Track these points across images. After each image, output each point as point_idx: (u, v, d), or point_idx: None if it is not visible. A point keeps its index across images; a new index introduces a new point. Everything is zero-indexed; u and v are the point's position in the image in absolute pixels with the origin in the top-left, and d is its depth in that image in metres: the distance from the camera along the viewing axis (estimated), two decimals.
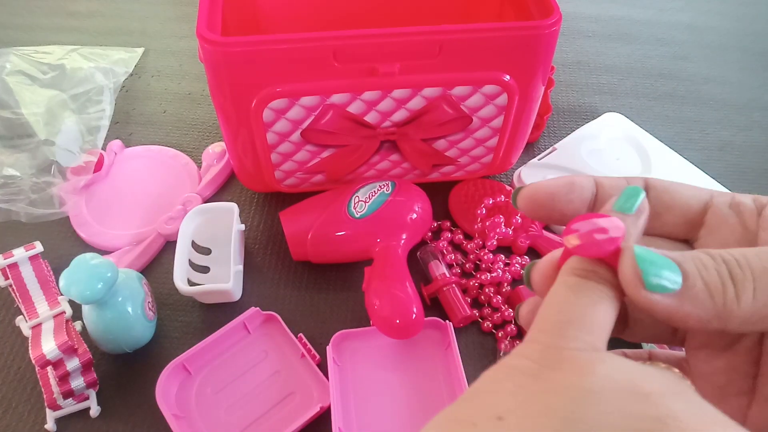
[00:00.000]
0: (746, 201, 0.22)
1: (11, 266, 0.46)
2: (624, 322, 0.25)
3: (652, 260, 0.18)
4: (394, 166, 0.52)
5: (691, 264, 0.18)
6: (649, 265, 0.18)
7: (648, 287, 0.18)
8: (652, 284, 0.18)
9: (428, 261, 0.50)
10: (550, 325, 0.19)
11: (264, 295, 0.50)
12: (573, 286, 0.19)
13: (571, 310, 0.19)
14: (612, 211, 0.20)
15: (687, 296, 0.18)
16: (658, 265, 0.18)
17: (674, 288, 0.18)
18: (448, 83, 0.44)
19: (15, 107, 0.60)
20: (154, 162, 0.59)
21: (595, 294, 0.19)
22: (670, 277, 0.18)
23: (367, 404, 0.43)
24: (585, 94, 0.67)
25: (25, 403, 0.44)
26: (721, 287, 0.18)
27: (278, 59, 0.42)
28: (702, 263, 0.18)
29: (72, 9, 0.76)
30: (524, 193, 0.23)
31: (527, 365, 0.18)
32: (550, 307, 0.19)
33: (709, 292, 0.18)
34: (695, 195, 0.22)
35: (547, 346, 0.18)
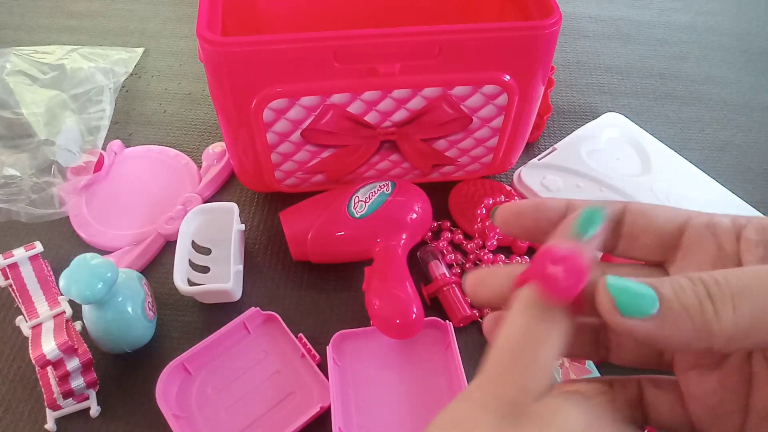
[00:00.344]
0: (723, 221, 0.22)
1: (11, 266, 0.46)
2: (606, 347, 0.25)
3: (625, 287, 0.19)
4: (394, 166, 0.52)
5: (668, 287, 0.19)
6: (622, 292, 0.19)
7: (623, 313, 0.18)
8: (627, 310, 0.18)
9: (428, 261, 0.50)
10: (504, 372, 0.19)
11: (264, 295, 0.50)
12: (530, 324, 0.20)
13: (522, 357, 0.19)
14: (570, 233, 0.21)
15: (665, 318, 0.18)
16: (631, 291, 0.19)
17: (651, 311, 0.18)
18: (448, 83, 0.44)
19: (15, 107, 0.60)
20: (154, 162, 0.59)
21: (547, 330, 0.20)
22: (645, 301, 0.18)
23: (367, 404, 0.43)
24: (585, 94, 0.67)
25: (25, 403, 0.44)
26: (699, 306, 0.18)
27: (278, 59, 0.42)
28: (679, 285, 0.18)
29: (72, 9, 0.76)
30: (498, 212, 0.24)
31: (486, 419, 0.19)
32: (503, 351, 0.20)
33: (687, 312, 0.18)
34: (672, 217, 0.22)
35: (503, 397, 0.19)
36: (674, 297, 0.18)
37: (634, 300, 0.18)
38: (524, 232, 0.24)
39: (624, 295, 0.19)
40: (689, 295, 0.18)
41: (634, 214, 0.23)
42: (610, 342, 0.25)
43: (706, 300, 0.18)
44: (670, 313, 0.18)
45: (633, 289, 0.19)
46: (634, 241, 0.23)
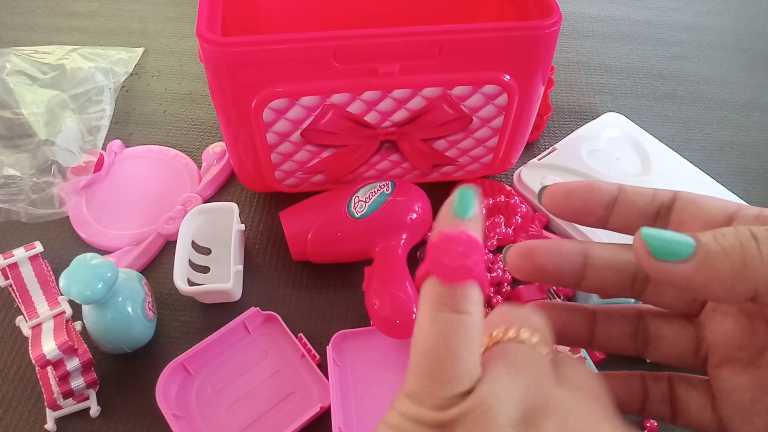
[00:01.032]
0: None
1: (11, 266, 0.46)
2: (645, 340, 0.25)
3: (659, 234, 0.19)
4: (394, 166, 0.52)
5: (709, 234, 0.18)
6: (656, 238, 0.19)
7: (657, 257, 0.18)
8: (661, 253, 0.18)
9: None
10: (431, 378, 0.19)
11: (264, 295, 0.50)
12: (443, 330, 0.19)
13: (448, 359, 0.19)
14: (451, 216, 0.20)
15: (702, 261, 0.18)
16: (666, 237, 0.19)
17: (686, 253, 0.18)
18: (448, 83, 0.44)
19: (15, 107, 0.60)
20: (154, 162, 0.59)
21: (466, 330, 0.19)
22: (680, 246, 0.18)
23: (367, 404, 0.43)
24: (585, 94, 0.67)
25: (25, 403, 0.44)
26: (740, 247, 0.17)
27: (278, 59, 0.42)
28: (721, 233, 0.18)
29: (72, 9, 0.76)
30: (547, 190, 0.24)
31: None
32: (425, 354, 0.19)
33: (726, 254, 0.18)
34: (721, 207, 0.22)
35: (432, 402, 0.18)
36: (713, 241, 0.18)
37: (668, 244, 0.18)
38: (573, 213, 0.24)
39: (658, 240, 0.19)
40: (730, 238, 0.18)
41: (684, 202, 0.23)
42: (649, 335, 0.25)
43: (749, 240, 0.18)
44: (708, 255, 0.18)
45: (668, 235, 0.19)
46: (681, 227, 0.23)
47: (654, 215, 0.23)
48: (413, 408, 0.19)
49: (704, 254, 0.18)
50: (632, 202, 0.23)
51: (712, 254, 0.18)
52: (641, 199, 0.23)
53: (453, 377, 0.18)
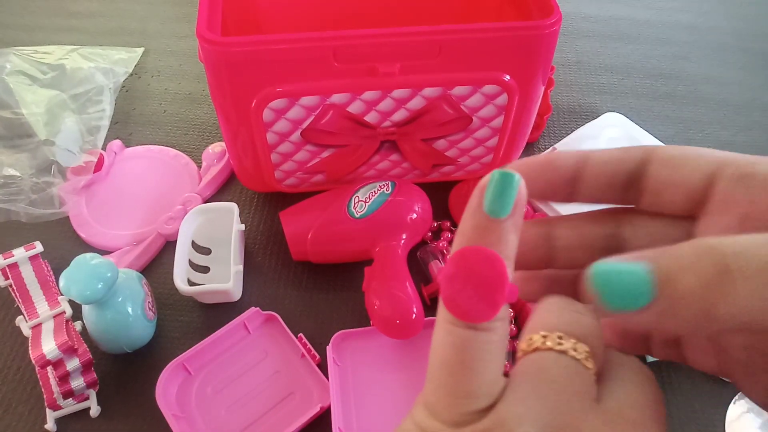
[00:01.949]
0: (760, 171, 0.18)
1: (11, 266, 0.46)
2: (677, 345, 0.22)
3: (611, 280, 0.16)
4: (394, 166, 0.52)
5: (669, 264, 0.16)
6: (607, 288, 0.16)
7: (611, 309, 0.16)
8: (615, 304, 0.16)
9: (428, 261, 0.50)
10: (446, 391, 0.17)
11: (264, 295, 0.50)
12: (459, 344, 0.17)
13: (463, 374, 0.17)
14: (483, 216, 0.18)
15: (665, 308, 0.15)
16: (618, 283, 0.16)
17: (645, 301, 0.16)
18: (448, 83, 0.44)
19: (15, 107, 0.60)
20: (154, 162, 0.59)
21: (483, 347, 0.17)
22: (637, 291, 0.16)
23: (367, 404, 0.43)
24: (585, 94, 0.67)
25: (25, 403, 0.44)
26: (709, 287, 0.15)
27: (278, 59, 0.42)
28: (680, 265, 0.15)
29: (72, 9, 0.76)
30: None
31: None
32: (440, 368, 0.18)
33: (692, 296, 0.15)
34: (699, 167, 0.19)
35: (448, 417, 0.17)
36: (675, 279, 0.15)
37: (623, 295, 0.16)
38: (536, 194, 0.21)
39: (610, 289, 0.16)
40: (694, 274, 0.15)
41: (658, 165, 0.20)
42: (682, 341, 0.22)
43: (715, 277, 0.15)
44: (672, 302, 0.15)
45: (622, 281, 0.16)
46: (659, 196, 0.20)
47: (625, 183, 0.21)
48: (428, 421, 0.18)
49: (667, 301, 0.15)
50: (599, 172, 0.20)
51: (673, 301, 0.15)
52: (609, 168, 0.20)
53: (468, 393, 0.17)
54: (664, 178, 0.20)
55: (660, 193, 0.20)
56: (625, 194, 0.21)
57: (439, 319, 0.18)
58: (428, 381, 0.18)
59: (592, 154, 0.21)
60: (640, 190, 0.21)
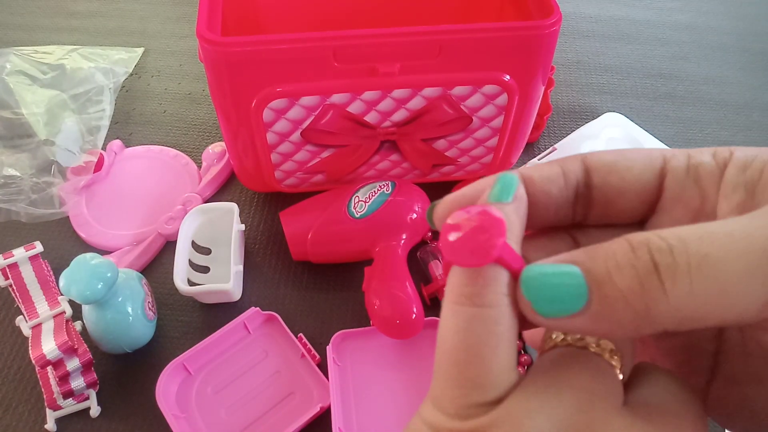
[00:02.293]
0: (706, 161, 0.18)
1: (11, 266, 0.46)
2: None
3: (541, 283, 0.15)
4: (394, 166, 0.52)
5: (600, 264, 0.15)
6: (538, 291, 0.15)
7: (545, 315, 0.15)
8: (547, 311, 0.15)
9: (428, 261, 0.50)
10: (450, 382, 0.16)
11: (264, 295, 0.50)
12: (463, 326, 0.16)
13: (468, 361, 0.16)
14: (487, 202, 0.17)
15: (598, 312, 0.15)
16: (549, 288, 0.15)
17: (578, 306, 0.15)
18: (448, 83, 0.44)
19: (15, 107, 0.60)
20: (154, 162, 0.59)
21: (488, 327, 0.16)
22: (569, 297, 0.15)
23: (367, 404, 0.43)
24: (585, 94, 0.67)
25: (25, 403, 0.44)
26: (640, 288, 0.14)
27: (278, 59, 0.42)
28: (615, 262, 0.14)
29: (72, 9, 0.76)
30: (440, 211, 0.19)
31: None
32: (444, 355, 0.16)
33: (624, 299, 0.14)
34: (647, 166, 0.18)
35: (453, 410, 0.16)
36: (607, 280, 0.14)
37: (555, 301, 0.15)
38: None
39: (542, 294, 0.15)
40: (627, 276, 0.14)
41: (602, 173, 0.18)
42: None
43: (649, 276, 0.14)
44: (603, 305, 0.14)
45: (552, 281, 0.15)
46: (609, 207, 0.19)
47: (573, 201, 0.19)
48: (434, 414, 0.17)
49: (599, 304, 0.14)
50: (543, 194, 0.19)
51: (608, 303, 0.14)
52: (554, 187, 0.19)
53: (476, 382, 0.16)
54: (615, 185, 0.18)
55: (611, 203, 0.19)
56: (572, 214, 0.20)
57: (444, 302, 0.17)
58: (435, 373, 0.17)
59: (530, 172, 0.19)
60: (589, 204, 0.19)
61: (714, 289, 0.14)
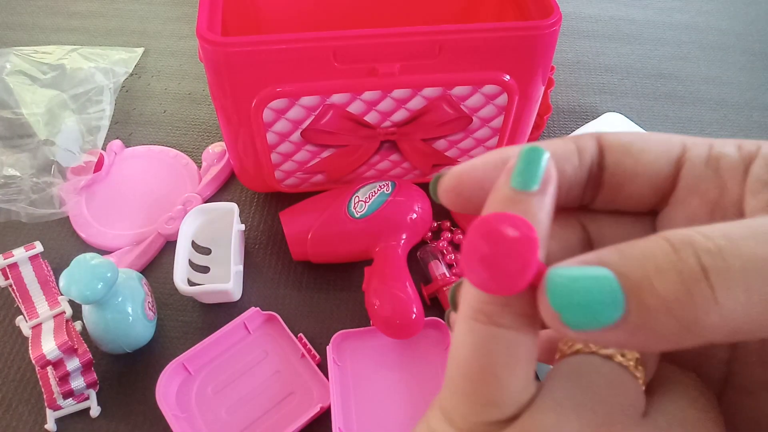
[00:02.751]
0: (728, 153, 0.16)
1: (11, 266, 0.46)
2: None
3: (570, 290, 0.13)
4: (394, 166, 0.52)
5: (637, 268, 0.13)
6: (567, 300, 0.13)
7: (575, 328, 0.13)
8: (579, 323, 0.13)
9: (428, 261, 0.50)
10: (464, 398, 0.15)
11: (264, 295, 0.50)
12: (480, 344, 0.15)
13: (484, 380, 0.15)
14: (510, 189, 0.15)
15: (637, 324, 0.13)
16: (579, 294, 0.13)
17: (613, 318, 0.13)
18: (448, 83, 0.44)
19: (15, 107, 0.60)
20: (155, 162, 0.59)
21: (508, 349, 0.15)
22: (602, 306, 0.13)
23: (367, 404, 0.43)
24: (585, 94, 0.67)
25: (25, 403, 0.44)
26: (687, 295, 0.12)
27: (278, 59, 0.42)
28: (655, 264, 0.12)
29: (72, 9, 0.76)
30: (446, 183, 0.17)
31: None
32: (458, 371, 0.15)
33: (667, 309, 0.12)
34: (664, 152, 0.17)
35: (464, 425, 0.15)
36: (647, 287, 0.12)
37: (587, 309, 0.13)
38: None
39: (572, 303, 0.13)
40: (670, 279, 0.12)
41: (616, 154, 0.17)
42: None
43: (697, 282, 0.12)
44: (643, 316, 0.12)
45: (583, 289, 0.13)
46: (619, 191, 0.17)
47: (585, 181, 0.17)
48: (443, 426, 0.16)
49: (638, 315, 0.12)
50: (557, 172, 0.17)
51: (648, 314, 0.12)
52: (568, 166, 0.17)
53: (489, 401, 0.15)
54: (629, 168, 0.17)
55: (622, 187, 0.17)
56: (581, 194, 0.18)
57: (461, 314, 0.15)
58: (446, 384, 0.16)
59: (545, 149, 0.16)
60: (595, 186, 0.18)
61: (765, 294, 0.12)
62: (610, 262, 0.13)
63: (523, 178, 0.15)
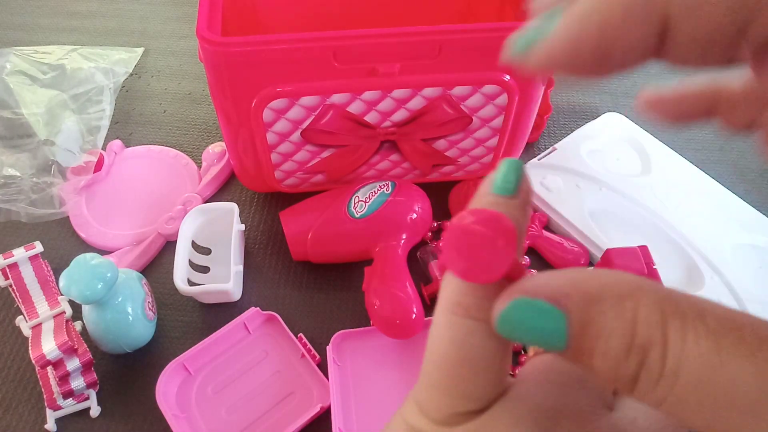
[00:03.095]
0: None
1: (11, 266, 0.46)
2: None
3: (518, 318, 0.14)
4: (394, 166, 0.52)
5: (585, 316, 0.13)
6: (517, 325, 0.14)
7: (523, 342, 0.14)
8: (525, 341, 0.14)
9: (428, 261, 0.50)
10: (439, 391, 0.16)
11: (264, 295, 0.50)
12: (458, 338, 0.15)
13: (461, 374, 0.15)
14: (491, 194, 0.16)
15: (576, 356, 0.13)
16: (526, 322, 0.14)
17: (558, 348, 0.13)
18: (448, 83, 0.44)
19: (15, 107, 0.60)
20: (155, 162, 0.59)
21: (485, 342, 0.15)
22: (547, 337, 0.13)
23: (367, 404, 0.43)
24: (585, 94, 0.67)
25: (25, 403, 0.44)
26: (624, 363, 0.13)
27: (278, 59, 0.42)
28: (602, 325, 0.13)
29: (72, 9, 0.76)
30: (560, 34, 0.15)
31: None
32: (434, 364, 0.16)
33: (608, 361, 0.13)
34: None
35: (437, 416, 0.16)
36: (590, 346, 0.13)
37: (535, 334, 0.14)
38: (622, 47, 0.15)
39: (520, 327, 0.14)
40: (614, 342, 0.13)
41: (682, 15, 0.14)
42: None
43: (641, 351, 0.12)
44: (581, 356, 0.13)
45: (532, 319, 0.14)
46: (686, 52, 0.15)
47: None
48: (418, 419, 0.17)
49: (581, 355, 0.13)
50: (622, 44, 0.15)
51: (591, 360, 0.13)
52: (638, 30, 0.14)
53: (463, 393, 0.15)
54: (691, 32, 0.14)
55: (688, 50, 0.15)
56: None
57: (439, 308, 0.16)
58: (422, 376, 0.16)
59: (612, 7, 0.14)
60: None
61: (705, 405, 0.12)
62: (564, 303, 0.13)
63: (503, 184, 0.16)
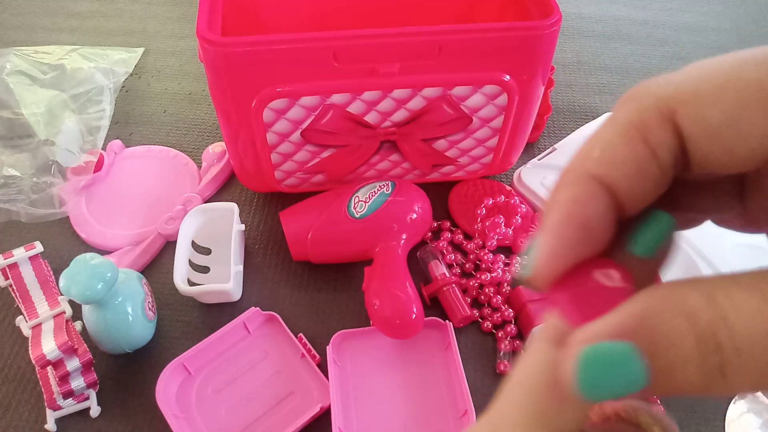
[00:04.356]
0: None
1: (11, 266, 0.46)
2: None
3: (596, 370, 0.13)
4: (394, 166, 0.52)
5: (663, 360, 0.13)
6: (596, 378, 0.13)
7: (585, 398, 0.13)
8: (591, 397, 0.13)
9: (428, 261, 0.50)
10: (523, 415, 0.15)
11: (264, 295, 0.50)
12: (550, 363, 0.15)
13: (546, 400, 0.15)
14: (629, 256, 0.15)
15: (650, 392, 0.13)
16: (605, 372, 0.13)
17: (636, 390, 0.13)
18: (448, 83, 0.44)
19: (15, 107, 0.60)
20: (155, 162, 0.59)
21: None
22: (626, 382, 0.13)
23: (367, 404, 0.43)
24: (585, 94, 0.67)
25: (25, 403, 0.44)
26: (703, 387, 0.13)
27: (278, 59, 0.42)
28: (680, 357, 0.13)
29: (72, 9, 0.76)
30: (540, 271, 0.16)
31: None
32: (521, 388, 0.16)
33: (683, 389, 0.13)
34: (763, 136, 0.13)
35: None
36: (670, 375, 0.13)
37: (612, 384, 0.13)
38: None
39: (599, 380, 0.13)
40: (693, 371, 0.13)
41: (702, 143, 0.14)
42: None
43: (716, 378, 0.13)
44: (662, 390, 0.13)
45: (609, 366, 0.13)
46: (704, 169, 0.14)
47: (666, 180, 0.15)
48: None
49: (656, 391, 0.13)
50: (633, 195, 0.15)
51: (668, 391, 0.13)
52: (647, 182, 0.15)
53: (548, 421, 0.15)
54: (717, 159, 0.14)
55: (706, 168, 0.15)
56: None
57: (538, 338, 0.16)
58: (503, 402, 0.16)
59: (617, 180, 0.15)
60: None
61: None
62: (634, 336, 0.13)
63: (645, 247, 0.15)
